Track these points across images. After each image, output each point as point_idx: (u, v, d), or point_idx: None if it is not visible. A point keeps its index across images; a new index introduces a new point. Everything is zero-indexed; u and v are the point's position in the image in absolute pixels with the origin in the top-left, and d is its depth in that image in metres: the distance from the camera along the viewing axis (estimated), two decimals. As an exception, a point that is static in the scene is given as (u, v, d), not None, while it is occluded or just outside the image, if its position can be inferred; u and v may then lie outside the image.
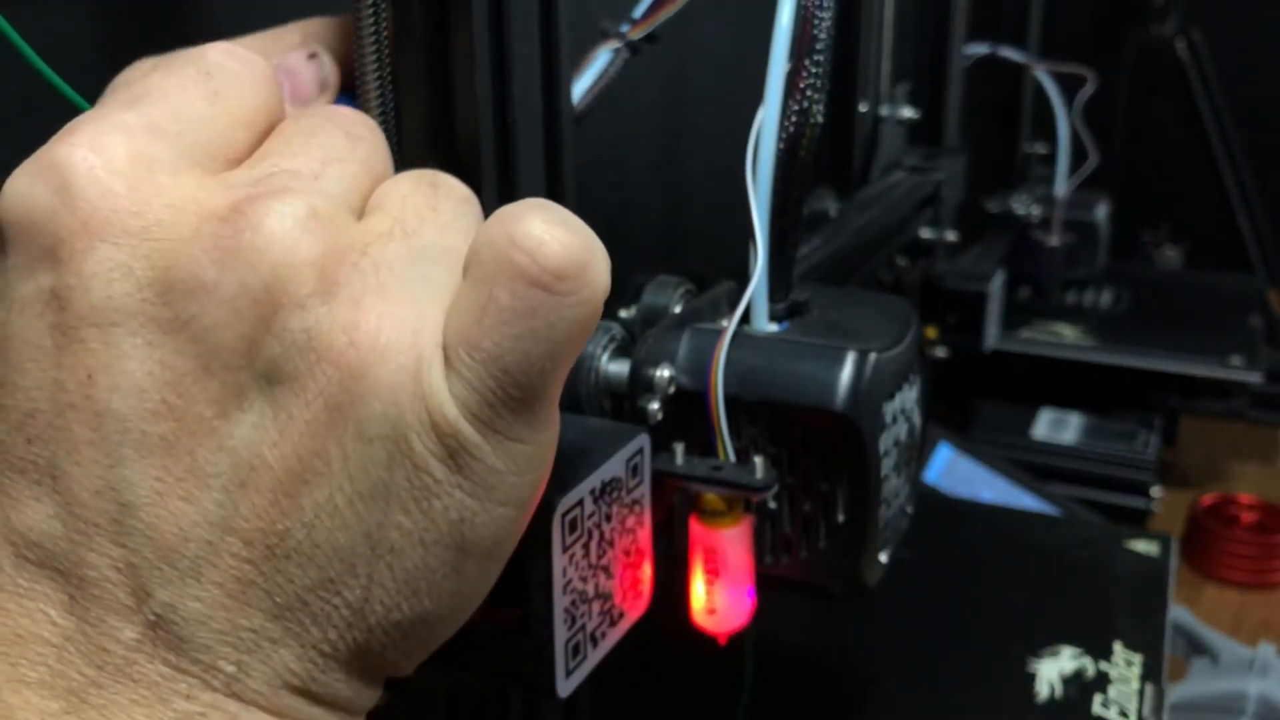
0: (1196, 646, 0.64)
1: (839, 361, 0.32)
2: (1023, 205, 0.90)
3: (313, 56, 0.26)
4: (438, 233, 0.21)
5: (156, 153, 0.20)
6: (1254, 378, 0.79)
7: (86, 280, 0.19)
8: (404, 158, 0.27)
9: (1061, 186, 0.89)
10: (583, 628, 0.27)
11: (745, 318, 0.34)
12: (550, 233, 0.20)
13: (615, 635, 0.29)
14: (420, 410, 0.19)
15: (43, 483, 0.19)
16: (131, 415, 0.18)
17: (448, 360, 0.20)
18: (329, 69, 0.27)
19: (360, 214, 0.21)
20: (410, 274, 0.20)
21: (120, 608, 0.18)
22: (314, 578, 0.19)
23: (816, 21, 0.32)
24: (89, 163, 0.19)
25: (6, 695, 0.18)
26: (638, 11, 0.36)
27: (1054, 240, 0.91)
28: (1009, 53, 0.91)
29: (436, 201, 0.22)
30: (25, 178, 0.19)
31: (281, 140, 0.22)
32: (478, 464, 0.20)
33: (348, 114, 0.23)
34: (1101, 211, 0.94)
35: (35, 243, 0.19)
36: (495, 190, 0.29)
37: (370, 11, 0.27)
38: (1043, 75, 0.91)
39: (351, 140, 0.22)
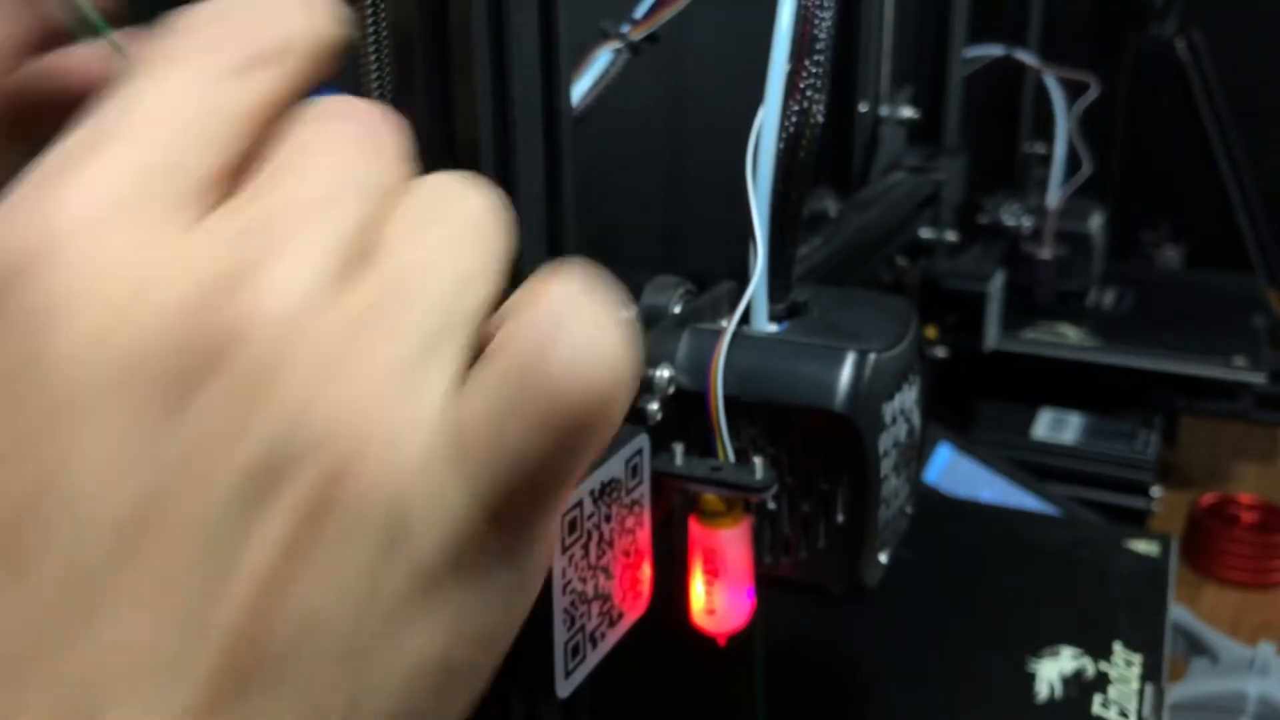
0: (1196, 646, 0.64)
1: (839, 362, 0.32)
2: (1013, 216, 0.87)
3: None
4: (453, 294, 0.18)
5: (143, 200, 0.17)
6: (1258, 378, 0.79)
7: (60, 358, 0.16)
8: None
9: (1054, 197, 0.88)
10: (582, 628, 0.27)
11: (745, 318, 0.34)
12: (592, 354, 0.18)
13: (615, 635, 0.29)
14: (423, 513, 0.17)
15: None
16: (99, 511, 0.16)
17: (458, 459, 0.18)
18: None
19: (367, 250, 0.18)
20: (418, 353, 0.18)
21: None
22: (289, 698, 0.17)
23: (816, 21, 0.32)
24: (69, 218, 0.16)
25: None
26: (638, 12, 0.36)
27: (1045, 253, 0.89)
28: (1023, 55, 0.89)
29: (451, 243, 0.19)
30: None
31: (288, 153, 0.19)
32: (477, 574, 0.18)
33: (363, 112, 0.20)
34: (1096, 222, 0.92)
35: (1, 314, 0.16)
36: (495, 191, 0.29)
37: (370, 11, 0.27)
38: (1050, 80, 0.89)
39: (369, 157, 0.19)
